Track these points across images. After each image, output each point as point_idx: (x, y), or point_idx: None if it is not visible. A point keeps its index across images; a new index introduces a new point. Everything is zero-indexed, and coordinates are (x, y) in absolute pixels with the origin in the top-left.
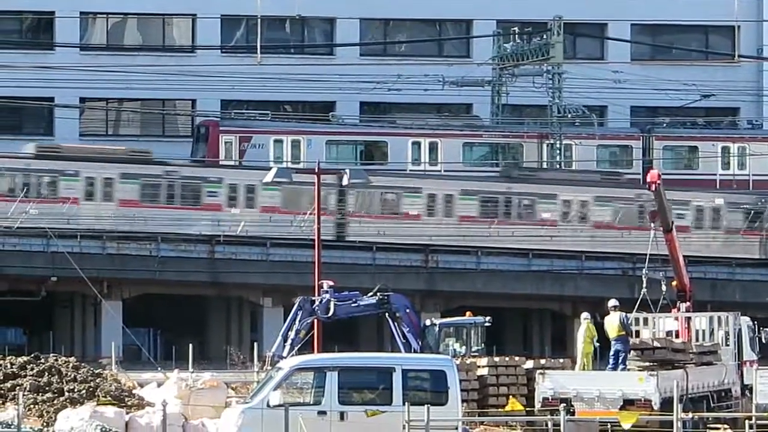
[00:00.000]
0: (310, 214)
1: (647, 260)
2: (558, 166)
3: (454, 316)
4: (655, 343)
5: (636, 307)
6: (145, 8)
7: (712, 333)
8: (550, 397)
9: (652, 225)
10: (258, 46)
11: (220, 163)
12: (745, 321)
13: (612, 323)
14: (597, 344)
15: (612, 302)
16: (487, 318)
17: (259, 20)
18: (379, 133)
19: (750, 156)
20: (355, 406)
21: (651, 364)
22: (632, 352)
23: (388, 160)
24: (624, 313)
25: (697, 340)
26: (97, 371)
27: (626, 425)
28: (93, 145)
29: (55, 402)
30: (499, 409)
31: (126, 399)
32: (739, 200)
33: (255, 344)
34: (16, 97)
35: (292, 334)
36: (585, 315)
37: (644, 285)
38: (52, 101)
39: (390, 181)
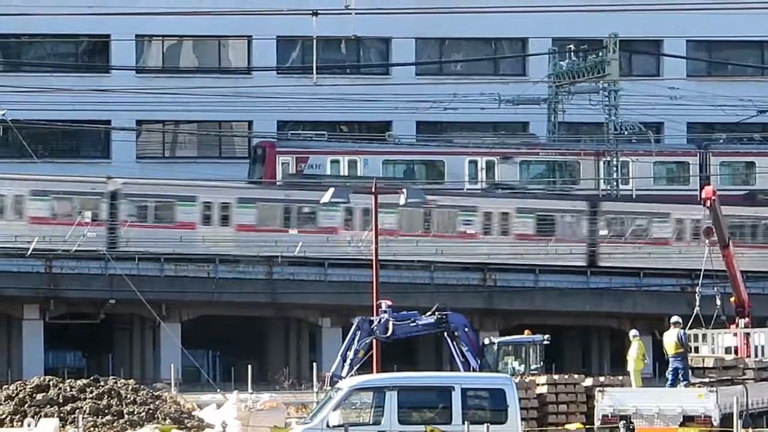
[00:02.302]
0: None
1: (701, 277)
2: (615, 184)
3: (513, 335)
4: (707, 363)
5: (689, 323)
6: (200, 31)
7: None
8: (609, 415)
9: (706, 241)
10: (314, 66)
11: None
12: None
13: (670, 340)
14: (646, 361)
15: (673, 318)
16: (546, 336)
17: (314, 41)
18: (435, 152)
19: None
20: (415, 425)
21: (711, 380)
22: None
23: (445, 179)
24: (682, 330)
25: (756, 355)
26: (156, 393)
27: None
28: None
29: (115, 424)
30: (559, 428)
31: (186, 421)
32: None
33: (314, 364)
34: (73, 121)
35: (350, 354)
36: (633, 333)
37: (697, 302)
38: (109, 124)
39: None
